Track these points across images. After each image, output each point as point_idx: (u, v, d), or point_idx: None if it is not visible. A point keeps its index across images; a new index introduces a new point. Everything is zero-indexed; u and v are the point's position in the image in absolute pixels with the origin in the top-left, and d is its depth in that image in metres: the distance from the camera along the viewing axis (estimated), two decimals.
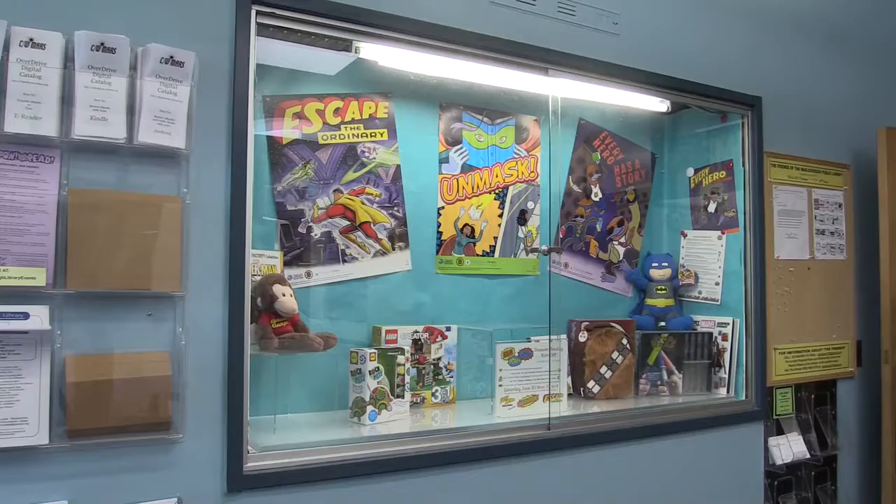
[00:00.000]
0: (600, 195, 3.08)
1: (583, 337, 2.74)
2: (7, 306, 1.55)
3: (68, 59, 1.64)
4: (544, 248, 2.72)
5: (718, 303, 2.97)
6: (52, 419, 1.60)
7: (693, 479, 2.63)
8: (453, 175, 2.72)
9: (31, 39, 1.60)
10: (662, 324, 2.99)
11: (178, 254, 1.74)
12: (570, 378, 2.69)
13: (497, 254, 2.81)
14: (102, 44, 1.65)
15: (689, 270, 3.07)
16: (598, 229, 3.08)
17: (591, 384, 2.74)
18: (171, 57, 1.72)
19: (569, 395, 2.65)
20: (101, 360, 1.67)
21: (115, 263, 1.67)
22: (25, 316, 1.57)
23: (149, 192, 1.73)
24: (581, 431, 2.38)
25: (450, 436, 2.17)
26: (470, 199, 2.75)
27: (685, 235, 3.14)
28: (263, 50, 1.96)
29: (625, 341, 2.78)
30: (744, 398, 2.85)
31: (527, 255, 2.87)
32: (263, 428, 2.06)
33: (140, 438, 1.69)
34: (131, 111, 1.69)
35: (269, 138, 2.36)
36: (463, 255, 2.73)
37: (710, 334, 2.93)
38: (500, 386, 2.42)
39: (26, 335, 1.57)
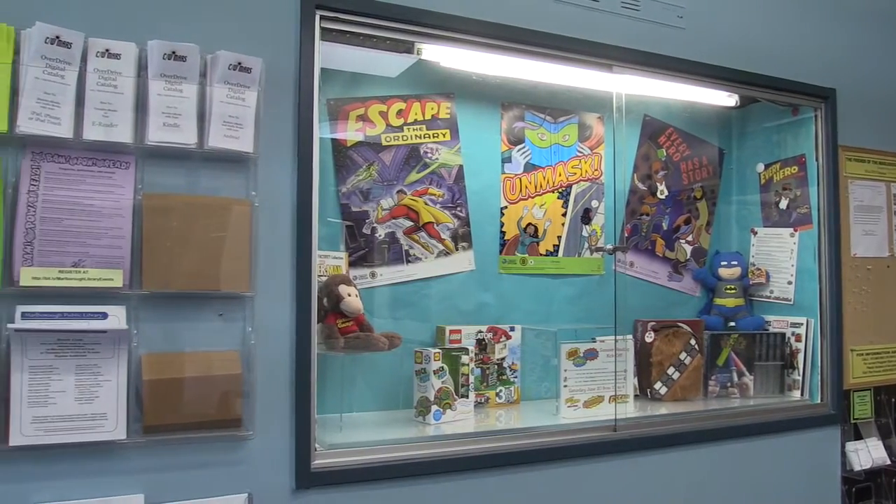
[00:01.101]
0: (666, 193, 3.02)
1: (649, 337, 2.70)
2: (87, 307, 1.63)
3: (142, 68, 1.71)
4: (609, 247, 2.69)
5: (791, 302, 2.88)
6: (129, 415, 1.66)
7: (765, 485, 2.55)
8: (516, 174, 2.71)
9: (107, 50, 1.67)
10: (732, 324, 2.91)
11: (248, 255, 1.78)
12: (636, 379, 2.65)
13: (561, 253, 2.79)
14: (174, 52, 1.71)
15: (759, 269, 2.98)
16: (665, 227, 3.03)
17: (658, 385, 2.69)
18: (239, 63, 1.77)
19: (635, 396, 2.60)
20: (174, 358, 1.72)
21: (187, 265, 1.72)
22: (104, 316, 1.63)
23: (218, 196, 1.78)
24: (648, 434, 2.34)
25: (514, 436, 2.16)
26: (533, 198, 2.74)
27: (755, 233, 3.05)
28: (327, 54, 1.99)
29: (693, 342, 2.72)
30: (819, 401, 2.75)
31: (591, 254, 2.84)
32: (330, 426, 2.09)
33: (211, 435, 1.74)
34: (201, 117, 1.75)
35: (334, 141, 2.40)
36: (526, 255, 2.72)
37: (783, 335, 2.84)
38: (565, 386, 2.40)
39: (105, 334, 1.63)
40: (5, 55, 1.59)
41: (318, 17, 1.92)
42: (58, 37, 1.61)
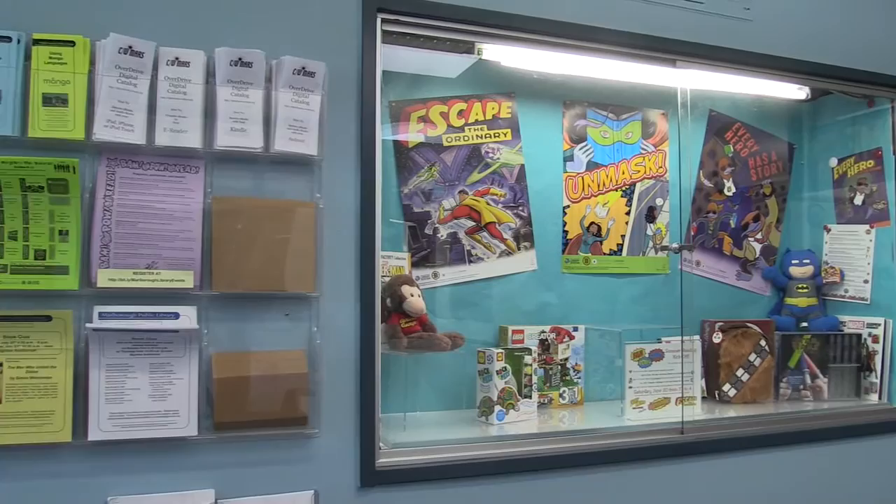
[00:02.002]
0: (734, 189, 2.95)
1: (717, 338, 2.63)
2: (160, 307, 1.68)
3: (210, 75, 1.76)
4: (675, 245, 2.64)
5: (867, 302, 2.77)
6: (199, 413, 1.71)
7: (840, 491, 2.46)
8: (578, 173, 2.69)
9: (177, 58, 1.72)
10: (804, 324, 2.83)
11: (313, 256, 1.81)
12: (703, 381, 2.59)
13: (625, 252, 2.75)
14: (240, 59, 1.75)
15: (833, 268, 2.88)
16: (732, 225, 2.95)
17: (726, 387, 2.62)
18: (303, 68, 1.80)
19: (703, 398, 2.55)
20: (243, 357, 1.76)
21: (255, 266, 1.76)
22: (176, 316, 1.69)
23: (284, 198, 1.82)
24: (716, 436, 2.29)
25: (578, 437, 2.14)
26: (596, 196, 2.71)
27: (828, 230, 2.95)
28: (388, 56, 2.01)
29: (763, 343, 2.65)
30: None
31: (656, 253, 2.79)
32: (394, 425, 2.10)
33: (279, 433, 1.78)
34: (267, 121, 1.78)
35: (396, 142, 2.42)
36: (589, 254, 2.69)
37: (859, 335, 2.74)
38: (630, 388, 2.37)
39: (177, 334, 1.68)
40: (82, 66, 1.65)
41: (379, 20, 1.94)
42: (130, 47, 1.67)
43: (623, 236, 2.75)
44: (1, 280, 1.60)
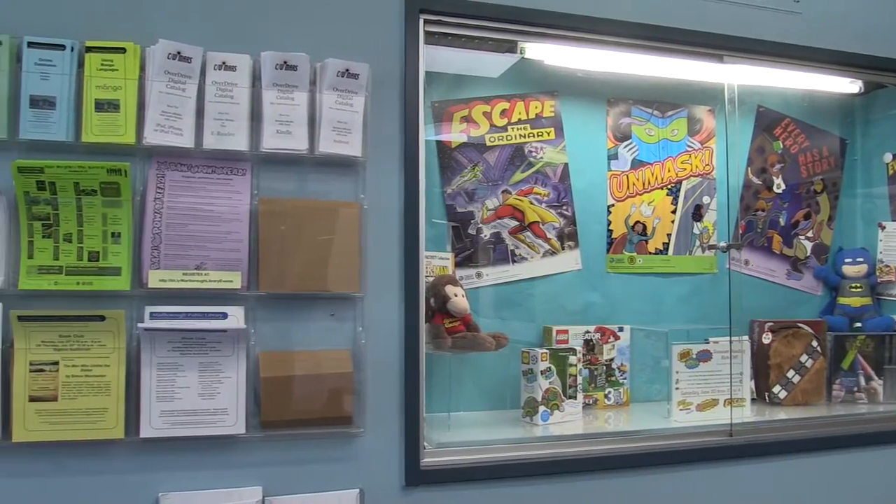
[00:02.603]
0: (783, 187, 2.88)
1: (767, 338, 2.58)
2: (208, 307, 1.71)
3: (256, 79, 1.79)
4: (722, 244, 2.59)
5: None
6: (247, 411, 1.73)
7: None
8: (623, 171, 2.66)
9: (224, 63, 1.76)
10: (858, 325, 2.75)
11: (357, 257, 1.83)
12: (753, 382, 2.54)
13: (671, 251, 2.71)
14: (285, 62, 1.77)
15: (889, 266, 2.80)
16: (782, 223, 2.89)
17: (776, 389, 2.57)
18: (347, 70, 1.81)
19: (752, 400, 2.50)
20: (289, 356, 1.79)
21: (300, 267, 1.79)
22: (224, 316, 1.72)
23: (329, 199, 1.84)
24: (766, 439, 2.24)
25: (624, 439, 2.12)
26: (641, 195, 2.68)
27: (883, 228, 2.86)
28: (430, 57, 2.02)
29: (815, 343, 2.59)
30: None
31: (703, 252, 2.75)
32: (438, 425, 2.11)
33: (324, 431, 1.80)
34: (312, 123, 1.81)
35: (439, 142, 2.43)
36: (635, 254, 2.66)
37: None
38: (677, 389, 2.33)
39: (225, 333, 1.71)
40: (132, 72, 1.70)
41: (421, 21, 1.95)
42: (179, 52, 1.71)
43: (669, 235, 2.71)
44: (57, 281, 1.65)
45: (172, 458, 1.71)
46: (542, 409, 2.22)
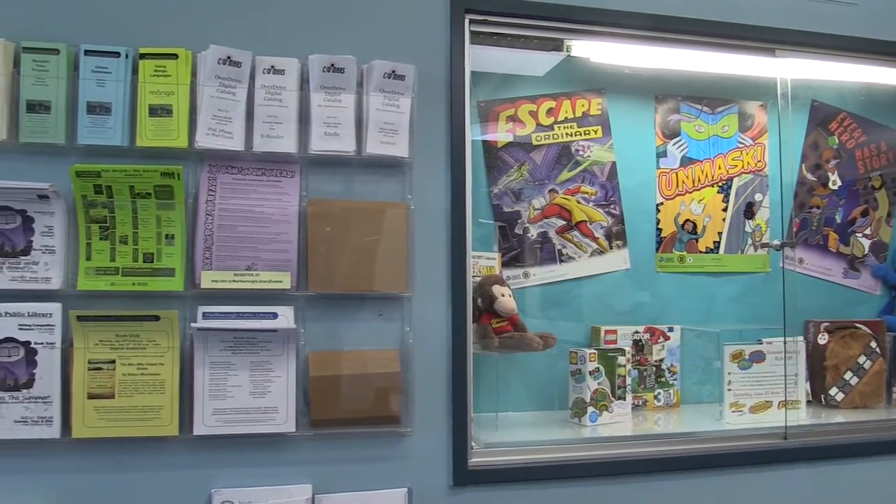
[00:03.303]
0: (839, 183, 2.80)
1: (823, 339, 2.51)
2: (259, 307, 1.74)
3: (303, 82, 1.81)
4: (776, 242, 2.53)
5: None
6: (297, 409, 1.76)
7: None
8: (672, 169, 2.62)
9: (273, 67, 1.78)
10: None
11: (405, 257, 1.84)
12: (808, 384, 2.48)
13: (722, 250, 2.66)
14: (332, 65, 1.79)
15: None
16: (838, 221, 2.81)
17: (833, 391, 2.50)
18: (393, 71, 1.83)
19: (807, 402, 2.44)
20: (338, 356, 1.81)
21: (348, 267, 1.80)
22: (274, 316, 1.74)
23: (376, 200, 1.85)
24: (823, 443, 2.18)
25: (675, 441, 2.09)
26: (691, 193, 2.63)
27: None
28: (476, 57, 2.01)
29: (873, 344, 2.51)
30: None
31: (756, 250, 2.69)
32: (485, 425, 2.11)
33: (373, 430, 1.81)
34: (359, 125, 1.82)
35: (485, 142, 2.42)
36: (685, 253, 2.62)
37: None
38: (730, 390, 2.29)
39: (275, 333, 1.74)
40: (184, 77, 1.73)
41: (467, 21, 1.95)
42: (229, 57, 1.74)
43: (720, 233, 2.66)
44: (113, 282, 1.69)
45: (224, 455, 1.75)
46: (590, 409, 2.20)
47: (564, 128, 2.50)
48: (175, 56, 1.73)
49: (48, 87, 1.68)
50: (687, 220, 2.63)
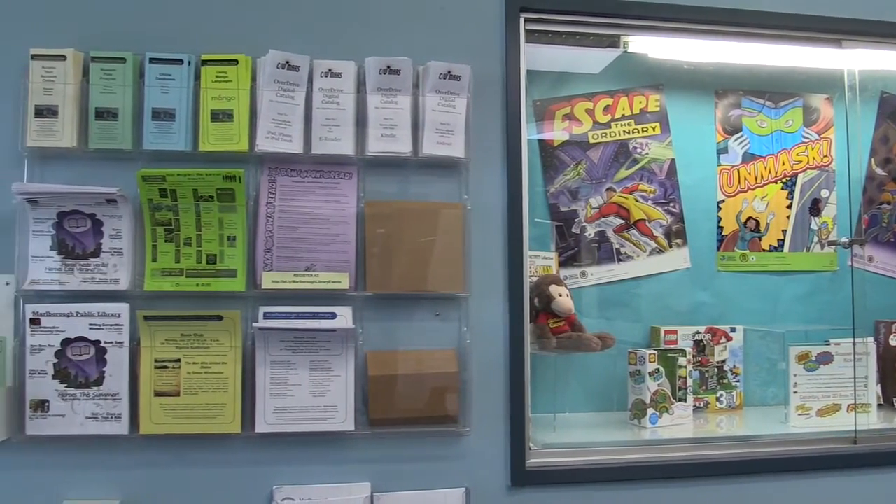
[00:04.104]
0: None
1: (894, 340, 2.42)
2: (318, 307, 1.77)
3: (360, 84, 1.83)
4: (844, 240, 2.45)
5: None
6: (356, 408, 1.77)
7: None
8: (733, 165, 2.56)
9: (330, 70, 1.81)
10: None
11: (461, 257, 1.84)
12: (879, 387, 2.39)
13: (786, 248, 2.59)
14: (389, 67, 1.81)
15: None
16: None
17: None
18: (449, 72, 1.83)
19: (878, 405, 2.35)
20: (396, 356, 1.82)
21: (405, 268, 1.82)
22: (333, 316, 1.77)
23: (432, 200, 1.86)
24: (894, 448, 2.10)
25: (738, 444, 2.05)
26: (753, 190, 2.57)
27: None
28: (531, 55, 2.00)
29: None
30: None
31: (822, 248, 2.61)
32: (543, 426, 2.09)
33: (430, 430, 1.82)
34: (415, 126, 1.83)
35: (541, 141, 2.41)
36: (747, 251, 2.56)
37: None
38: (795, 393, 2.23)
39: (334, 333, 1.76)
40: (244, 82, 1.77)
41: (522, 20, 1.95)
42: (287, 62, 1.77)
43: (784, 231, 2.59)
44: (178, 283, 1.74)
45: (285, 452, 1.78)
46: (650, 411, 2.17)
47: (622, 125, 2.46)
48: (235, 62, 1.77)
49: (115, 95, 1.74)
50: (749, 218, 2.57)
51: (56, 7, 1.77)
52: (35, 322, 1.69)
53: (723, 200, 2.55)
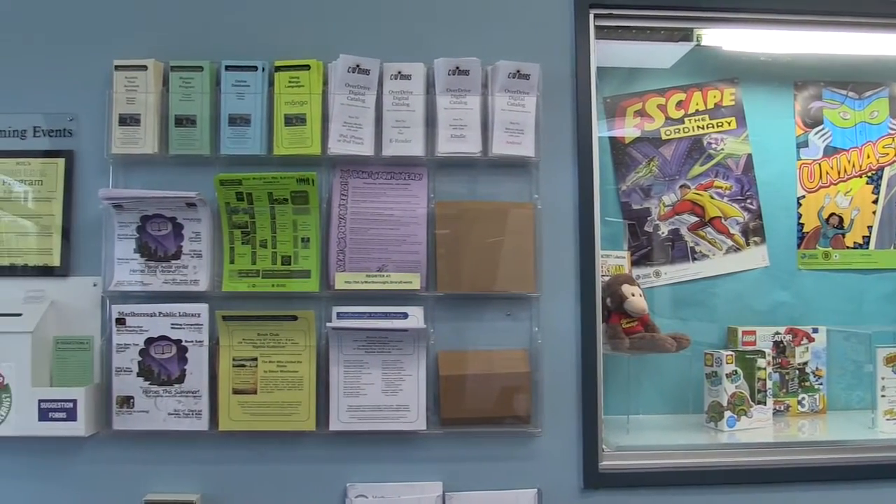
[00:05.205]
0: None
1: None
2: (390, 307, 1.79)
3: (430, 85, 1.84)
4: None
5: None
6: (427, 408, 1.79)
7: None
8: (814, 160, 2.47)
9: (399, 72, 1.82)
10: None
11: (532, 256, 1.83)
12: None
13: (872, 245, 2.48)
14: (457, 67, 1.81)
15: None
16: None
17: None
18: (518, 71, 1.82)
19: None
20: (467, 356, 1.83)
21: (476, 268, 1.82)
22: (405, 316, 1.79)
23: (502, 200, 1.86)
24: None
25: (821, 449, 1.98)
26: (836, 184, 2.47)
27: None
28: (601, 52, 1.98)
29: None
30: None
31: None
32: (616, 427, 2.06)
33: (502, 430, 1.82)
34: (485, 126, 1.83)
35: (612, 139, 2.38)
36: (830, 249, 2.46)
37: None
38: (883, 396, 2.13)
39: (406, 333, 1.78)
40: (316, 87, 1.81)
41: (591, 17, 1.93)
42: (358, 65, 1.79)
43: (870, 227, 2.49)
44: (254, 284, 1.79)
45: (358, 450, 1.81)
46: (727, 414, 2.11)
47: (695, 120, 2.41)
48: (307, 67, 1.81)
49: (194, 103, 1.80)
50: (832, 214, 2.47)
51: (137, 19, 1.85)
52: (121, 322, 1.76)
53: (803, 196, 2.46)
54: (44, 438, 1.72)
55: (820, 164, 2.48)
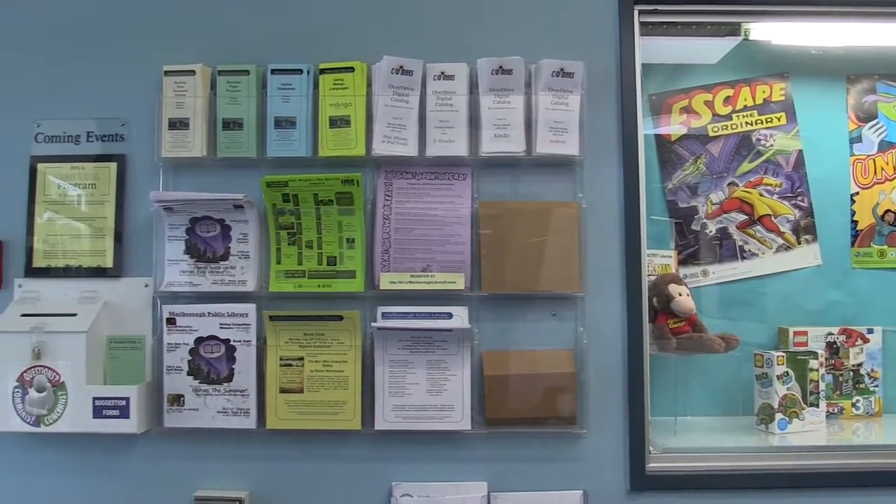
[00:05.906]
0: None
1: None
2: (435, 307, 1.80)
3: (473, 85, 1.84)
4: None
5: None
6: (472, 408, 1.79)
7: None
8: (868, 155, 2.41)
9: (442, 73, 1.83)
10: None
11: (577, 256, 1.82)
12: None
13: None
14: (501, 67, 1.81)
15: None
16: None
17: None
18: (562, 69, 1.81)
19: None
20: (512, 356, 1.82)
21: (521, 267, 1.81)
22: (449, 316, 1.79)
23: (546, 199, 1.85)
24: None
25: (876, 454, 1.92)
26: (892, 180, 2.41)
27: None
28: (646, 48, 1.96)
29: None
30: None
31: None
32: (663, 429, 2.03)
33: (548, 431, 1.81)
34: (528, 125, 1.83)
35: (657, 136, 2.35)
36: (885, 247, 2.39)
37: None
38: None
39: (450, 333, 1.78)
40: (360, 89, 1.82)
41: (636, 13, 1.90)
42: (401, 66, 1.80)
43: None
44: (301, 284, 1.81)
45: (403, 449, 1.82)
46: (778, 416, 2.07)
47: (744, 116, 2.36)
48: (351, 69, 1.82)
49: (240, 106, 1.83)
50: (888, 211, 2.40)
51: (185, 25, 1.89)
52: (171, 321, 1.80)
53: (857, 193, 2.40)
54: (98, 435, 1.77)
55: (874, 160, 2.41)
